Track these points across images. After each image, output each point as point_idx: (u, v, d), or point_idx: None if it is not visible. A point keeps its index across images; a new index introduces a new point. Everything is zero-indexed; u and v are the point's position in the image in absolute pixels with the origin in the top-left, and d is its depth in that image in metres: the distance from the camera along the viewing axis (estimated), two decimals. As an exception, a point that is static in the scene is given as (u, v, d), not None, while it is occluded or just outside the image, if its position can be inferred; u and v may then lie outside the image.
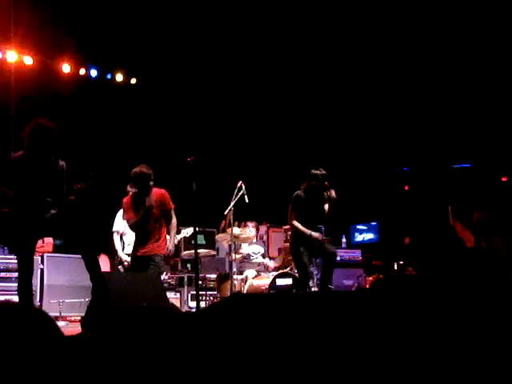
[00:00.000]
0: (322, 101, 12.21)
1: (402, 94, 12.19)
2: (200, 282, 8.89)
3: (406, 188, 13.21)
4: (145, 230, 6.83)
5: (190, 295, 9.55)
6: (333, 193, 7.27)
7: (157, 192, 6.97)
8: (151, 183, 6.88)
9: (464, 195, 9.53)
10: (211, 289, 9.50)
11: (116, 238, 8.11)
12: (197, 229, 7.14)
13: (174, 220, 7.09)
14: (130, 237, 7.76)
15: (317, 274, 8.96)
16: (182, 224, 9.74)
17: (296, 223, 7.28)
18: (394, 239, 10.44)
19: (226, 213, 8.52)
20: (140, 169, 6.88)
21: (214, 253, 9.79)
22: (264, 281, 8.27)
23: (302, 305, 5.56)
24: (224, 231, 9.39)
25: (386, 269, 10.00)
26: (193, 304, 9.32)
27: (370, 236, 8.02)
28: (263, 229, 10.50)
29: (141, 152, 11.72)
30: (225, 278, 8.87)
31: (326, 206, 7.39)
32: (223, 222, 9.72)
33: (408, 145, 12.65)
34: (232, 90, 11.92)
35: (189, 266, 9.83)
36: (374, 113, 12.36)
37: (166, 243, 6.93)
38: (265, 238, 10.36)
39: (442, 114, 12.27)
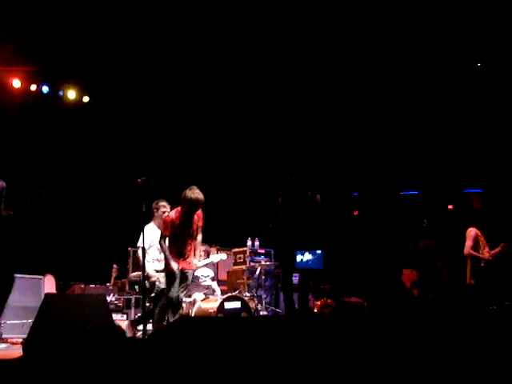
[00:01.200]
0: (267, 128, 12.30)
1: (351, 120, 12.37)
2: (148, 304, 8.77)
3: (355, 213, 13.39)
4: (184, 247, 7.17)
5: (136, 317, 9.40)
6: None
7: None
8: None
9: (411, 221, 9.70)
10: (159, 311, 9.36)
11: (141, 253, 8.03)
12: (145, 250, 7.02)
13: (200, 237, 7.46)
14: (154, 254, 7.91)
15: (265, 298, 8.97)
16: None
17: None
18: (339, 265, 10.51)
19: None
20: (197, 196, 7.19)
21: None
22: (212, 304, 8.21)
23: (249, 329, 5.55)
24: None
25: (333, 293, 10.04)
26: (140, 327, 9.17)
27: (310, 257, 8.11)
28: (213, 251, 10.44)
29: (90, 171, 11.62)
30: (173, 300, 8.76)
31: None
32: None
33: (358, 171, 12.82)
34: (181, 112, 11.90)
35: (136, 287, 9.68)
36: (323, 139, 12.49)
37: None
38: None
39: (393, 140, 12.49)
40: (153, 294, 7.75)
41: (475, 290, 8.46)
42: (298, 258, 7.51)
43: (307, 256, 7.54)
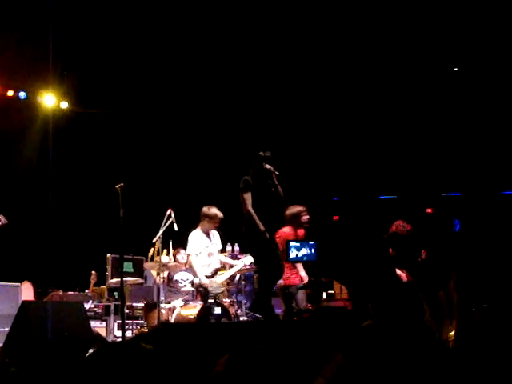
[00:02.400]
0: (248, 128, 12.29)
1: (334, 126, 12.41)
2: (127, 311, 8.71)
3: (335, 218, 13.43)
4: None
5: (116, 324, 9.32)
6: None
7: None
8: None
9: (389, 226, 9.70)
10: (138, 318, 9.30)
11: (195, 259, 8.20)
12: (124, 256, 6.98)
13: None
14: (204, 259, 8.19)
15: (245, 303, 8.94)
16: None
17: None
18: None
19: (154, 240, 8.43)
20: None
21: (141, 281, 9.63)
22: (192, 310, 8.17)
23: (230, 334, 5.52)
24: (153, 259, 9.26)
25: (314, 299, 10.04)
26: (119, 333, 9.11)
27: (306, 251, 8.07)
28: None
29: (69, 177, 11.54)
30: (152, 306, 8.71)
31: None
32: (152, 249, 9.59)
33: (338, 176, 12.86)
34: (159, 116, 11.86)
35: (116, 294, 9.62)
36: (305, 142, 12.51)
37: None
38: (194, 266, 10.27)
39: (371, 146, 12.56)
40: (211, 300, 7.86)
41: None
42: (293, 252, 7.48)
43: (302, 250, 7.53)
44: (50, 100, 11.44)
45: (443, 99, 11.82)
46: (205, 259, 8.22)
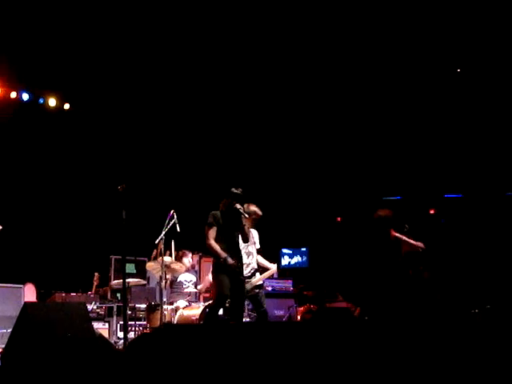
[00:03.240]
0: (253, 127, 12.29)
1: (334, 126, 12.41)
2: (129, 312, 8.71)
3: (338, 219, 13.42)
4: None
5: (119, 325, 9.33)
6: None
7: None
8: None
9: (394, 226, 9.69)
10: (141, 319, 9.30)
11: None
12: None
13: None
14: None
15: (248, 305, 8.94)
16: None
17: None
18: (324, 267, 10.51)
19: (157, 242, 8.42)
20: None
21: (144, 282, 9.63)
22: (194, 311, 8.17)
23: (232, 336, 5.52)
24: (155, 260, 9.26)
25: (317, 299, 10.04)
26: (122, 334, 9.11)
27: (298, 259, 8.08)
28: (195, 258, 10.42)
29: (71, 178, 11.55)
30: (155, 308, 8.71)
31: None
32: (155, 250, 9.59)
33: (340, 178, 12.86)
34: (164, 118, 11.87)
35: (118, 295, 9.63)
36: (307, 144, 12.52)
37: None
38: (197, 267, 10.27)
39: (374, 147, 12.55)
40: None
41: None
42: (285, 260, 7.51)
43: (293, 258, 7.55)
44: (52, 101, 11.47)
45: (447, 100, 11.81)
46: (243, 258, 7.81)
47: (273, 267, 8.32)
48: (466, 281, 9.41)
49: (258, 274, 8.03)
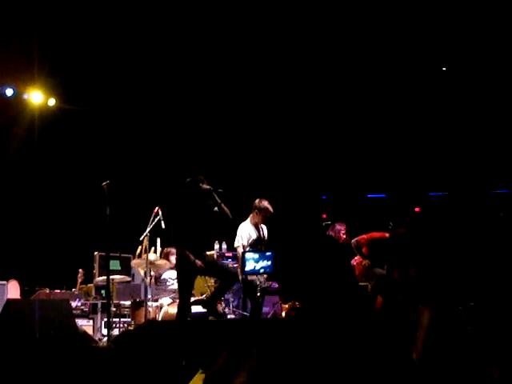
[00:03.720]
0: (237, 126, 12.28)
1: (321, 125, 12.41)
2: (114, 309, 8.68)
3: (324, 216, 13.44)
4: None
5: (103, 322, 9.29)
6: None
7: None
8: None
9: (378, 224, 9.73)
10: (125, 316, 9.28)
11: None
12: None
13: None
14: None
15: (233, 301, 8.94)
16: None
17: None
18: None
19: (141, 238, 8.40)
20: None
21: (129, 279, 9.60)
22: (179, 308, 8.16)
23: (216, 332, 5.52)
24: (140, 257, 9.24)
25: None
26: (107, 331, 9.08)
27: (263, 264, 8.08)
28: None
29: (55, 174, 11.49)
30: (139, 304, 8.69)
31: None
32: (139, 247, 9.57)
33: (326, 174, 12.87)
34: (146, 113, 11.81)
35: (103, 292, 9.59)
36: (292, 141, 12.51)
37: None
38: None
39: (359, 145, 12.58)
40: (258, 294, 7.79)
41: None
42: (249, 265, 7.48)
43: (259, 263, 7.55)
44: (37, 97, 11.36)
45: (431, 99, 11.86)
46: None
47: None
48: (452, 277, 9.45)
49: None
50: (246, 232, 8.02)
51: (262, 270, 7.68)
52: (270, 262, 7.68)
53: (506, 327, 4.29)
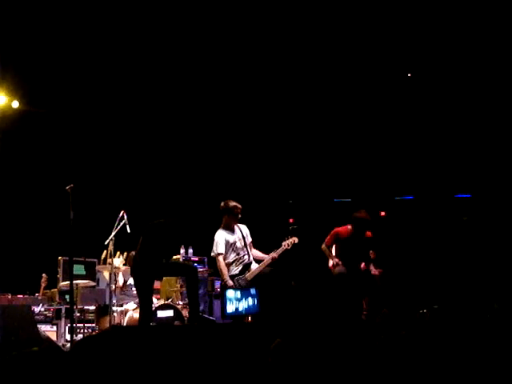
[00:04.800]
0: (201, 131, 12.26)
1: (287, 129, 12.45)
2: (78, 314, 8.58)
3: (291, 221, 13.46)
4: None
5: (67, 328, 9.17)
6: None
7: None
8: None
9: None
10: (90, 321, 9.17)
11: (221, 260, 7.77)
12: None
13: None
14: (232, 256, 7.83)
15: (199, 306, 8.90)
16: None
17: None
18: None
19: (106, 243, 8.31)
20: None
21: (93, 284, 9.50)
22: (145, 313, 8.08)
23: (181, 337, 5.48)
24: (105, 262, 9.15)
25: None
26: (70, 337, 8.96)
27: (246, 304, 8.00)
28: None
29: (19, 178, 11.32)
30: (104, 310, 8.60)
31: None
32: (104, 252, 9.47)
33: (292, 178, 12.91)
34: (111, 116, 11.71)
35: (67, 297, 9.46)
36: (260, 146, 12.53)
37: None
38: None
39: (325, 149, 12.65)
40: None
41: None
42: (231, 306, 7.31)
43: (242, 302, 7.37)
44: (0, 99, 11.19)
45: (395, 103, 12.00)
46: (232, 256, 7.81)
47: (268, 256, 7.89)
48: (415, 281, 9.55)
49: (253, 266, 7.84)
50: (221, 238, 7.83)
51: (244, 312, 7.48)
52: (255, 301, 7.44)
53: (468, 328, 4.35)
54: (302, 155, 12.66)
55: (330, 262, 8.35)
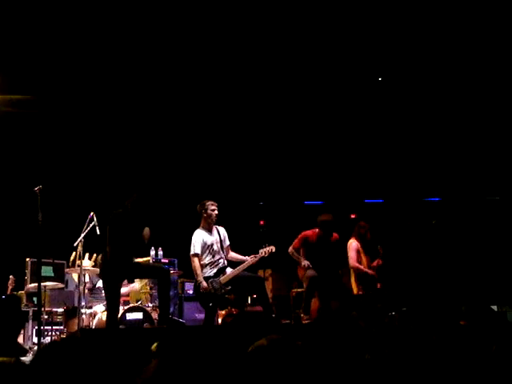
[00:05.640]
0: (171, 133, 12.22)
1: (259, 131, 12.47)
2: (46, 317, 8.49)
3: (261, 223, 13.48)
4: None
5: (34, 330, 9.06)
6: None
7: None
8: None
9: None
10: (58, 323, 9.07)
11: (197, 261, 7.63)
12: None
13: None
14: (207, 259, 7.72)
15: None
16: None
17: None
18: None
19: (75, 244, 8.23)
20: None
21: (62, 286, 9.40)
22: (113, 315, 8.02)
23: (152, 339, 5.44)
24: (74, 263, 9.06)
25: (238, 303, 10.04)
26: (37, 339, 8.85)
27: None
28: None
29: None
30: (73, 312, 8.52)
31: None
32: (73, 253, 9.38)
33: (263, 180, 12.94)
34: (80, 115, 11.59)
35: (34, 299, 9.34)
36: (232, 148, 12.54)
37: None
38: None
39: (296, 152, 12.70)
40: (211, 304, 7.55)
41: (366, 298, 8.75)
42: None
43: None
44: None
45: (367, 107, 12.10)
46: (208, 258, 7.69)
47: (247, 258, 7.81)
48: (385, 283, 9.62)
49: (228, 270, 7.75)
50: (199, 238, 7.72)
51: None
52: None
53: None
54: (274, 157, 12.69)
55: (302, 263, 8.40)
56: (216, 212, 7.74)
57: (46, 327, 8.42)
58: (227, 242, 7.92)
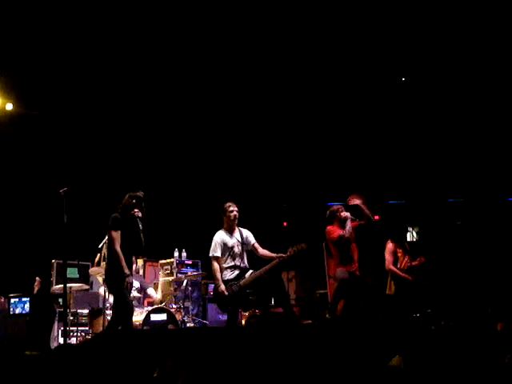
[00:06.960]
0: (195, 135, 12.27)
1: (281, 133, 12.49)
2: (71, 318, 8.57)
3: (285, 224, 13.48)
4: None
5: (60, 331, 9.15)
6: None
7: None
8: None
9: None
10: (83, 324, 9.15)
11: (216, 264, 7.42)
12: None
13: None
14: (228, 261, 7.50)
15: (192, 310, 8.91)
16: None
17: None
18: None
19: (100, 246, 8.31)
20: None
21: (87, 287, 9.48)
22: (138, 316, 8.08)
23: (176, 340, 5.48)
24: (99, 265, 9.14)
25: (262, 304, 10.02)
26: (63, 340, 8.94)
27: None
28: (140, 263, 10.30)
29: (13, 181, 11.30)
30: (97, 313, 8.59)
31: None
32: (98, 255, 9.47)
33: (287, 182, 12.94)
34: (106, 119, 11.70)
35: (60, 300, 9.44)
36: (251, 149, 12.56)
37: None
38: (141, 272, 10.15)
39: (319, 153, 12.70)
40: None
41: (395, 299, 8.70)
42: None
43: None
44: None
45: (388, 108, 12.06)
46: (228, 261, 7.45)
47: (274, 257, 7.44)
48: (409, 285, 9.57)
49: (248, 273, 7.43)
50: (219, 239, 7.48)
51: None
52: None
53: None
54: (297, 159, 12.69)
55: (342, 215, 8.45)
56: (235, 213, 7.51)
57: (71, 328, 8.49)
58: (252, 241, 7.64)
